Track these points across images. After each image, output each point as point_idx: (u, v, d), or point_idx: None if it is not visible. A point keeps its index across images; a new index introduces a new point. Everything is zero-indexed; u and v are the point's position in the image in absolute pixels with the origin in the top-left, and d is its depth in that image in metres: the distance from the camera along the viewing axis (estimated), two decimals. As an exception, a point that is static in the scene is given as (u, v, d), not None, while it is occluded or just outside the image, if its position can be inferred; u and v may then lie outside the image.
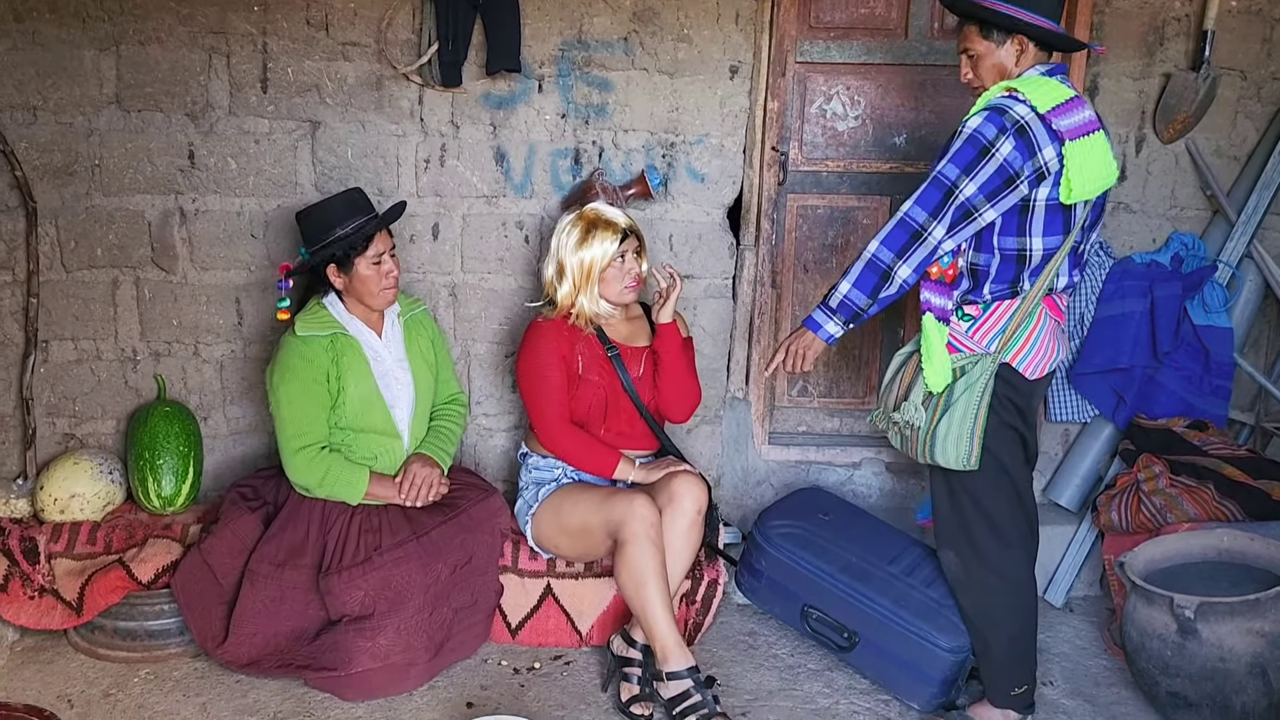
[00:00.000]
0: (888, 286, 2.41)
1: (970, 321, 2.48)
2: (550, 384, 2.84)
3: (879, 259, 2.40)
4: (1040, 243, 2.39)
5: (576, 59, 3.14)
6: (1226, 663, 2.47)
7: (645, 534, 2.62)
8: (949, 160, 2.35)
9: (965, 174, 2.32)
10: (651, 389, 2.94)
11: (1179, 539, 2.79)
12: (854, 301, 2.43)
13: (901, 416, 2.52)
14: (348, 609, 2.69)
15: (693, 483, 2.75)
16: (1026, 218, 2.37)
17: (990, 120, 2.32)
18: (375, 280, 2.80)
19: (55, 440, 3.20)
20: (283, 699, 2.68)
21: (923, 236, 2.36)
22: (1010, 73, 2.42)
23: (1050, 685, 2.86)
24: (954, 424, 2.44)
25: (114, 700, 2.66)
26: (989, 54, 2.43)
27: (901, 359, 2.61)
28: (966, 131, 2.34)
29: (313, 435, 2.78)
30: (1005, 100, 2.35)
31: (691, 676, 2.57)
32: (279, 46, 3.06)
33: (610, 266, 2.79)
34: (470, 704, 2.69)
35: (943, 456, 2.47)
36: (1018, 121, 2.31)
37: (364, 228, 2.77)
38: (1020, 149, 2.30)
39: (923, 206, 2.36)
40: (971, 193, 2.32)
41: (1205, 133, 3.32)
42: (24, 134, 3.02)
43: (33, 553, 2.83)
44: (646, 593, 2.60)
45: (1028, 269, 2.42)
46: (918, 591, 2.77)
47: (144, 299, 3.17)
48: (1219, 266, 3.25)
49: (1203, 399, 3.22)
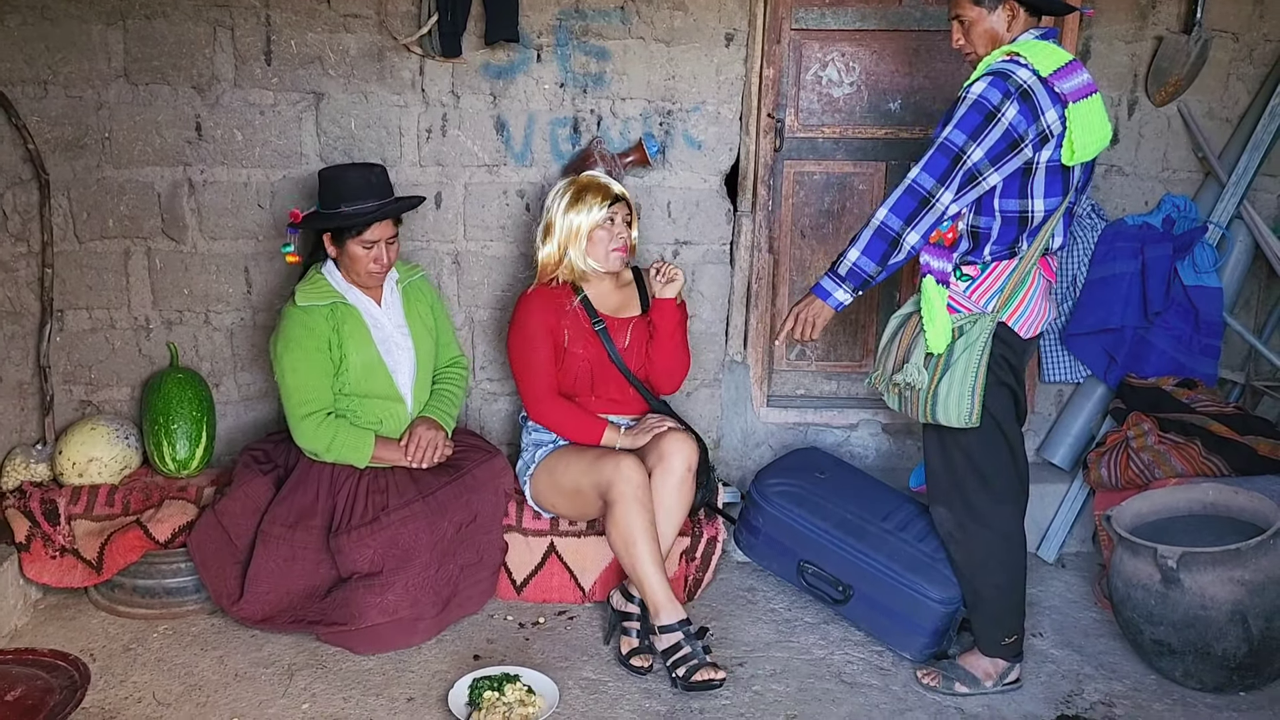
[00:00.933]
0: (896, 253, 2.44)
1: (969, 281, 2.53)
2: (537, 358, 2.91)
3: (888, 226, 2.42)
4: (1042, 204, 2.44)
5: (574, 28, 3.19)
6: (1208, 610, 2.55)
7: (632, 494, 2.70)
8: (955, 126, 2.37)
9: (972, 139, 2.35)
10: (641, 357, 2.99)
11: (1165, 493, 2.86)
12: (863, 269, 2.46)
13: (903, 378, 2.55)
14: (357, 567, 2.78)
15: (681, 441, 2.82)
16: (1029, 180, 2.42)
17: (994, 85, 2.35)
18: (362, 262, 2.86)
19: (72, 407, 3.29)
20: (296, 652, 2.78)
21: (930, 203, 2.39)
22: (1002, 38, 2.46)
23: (1040, 636, 2.94)
24: (955, 383, 2.49)
25: (134, 654, 2.76)
26: (980, 20, 2.46)
27: (899, 321, 2.64)
28: (971, 97, 2.37)
29: (318, 402, 2.86)
30: (1007, 65, 2.38)
31: (682, 629, 2.66)
32: (282, 19, 3.12)
33: (598, 229, 2.85)
34: (477, 656, 2.78)
35: (944, 415, 2.52)
36: (1021, 85, 2.34)
37: (366, 214, 2.82)
38: (1024, 113, 2.34)
39: (930, 173, 2.38)
40: (978, 158, 2.36)
41: (1197, 95, 3.35)
42: (35, 108, 3.09)
43: (53, 514, 2.93)
44: (636, 551, 2.69)
45: (1027, 230, 2.47)
46: (910, 546, 2.84)
47: (155, 269, 3.25)
48: (1209, 228, 3.30)
49: (1192, 358, 3.28)
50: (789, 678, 2.73)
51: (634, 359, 2.98)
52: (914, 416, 2.60)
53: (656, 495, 2.76)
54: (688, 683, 2.60)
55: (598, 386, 2.97)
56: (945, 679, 2.68)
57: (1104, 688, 2.71)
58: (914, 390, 2.55)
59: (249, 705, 2.56)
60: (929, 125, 2.64)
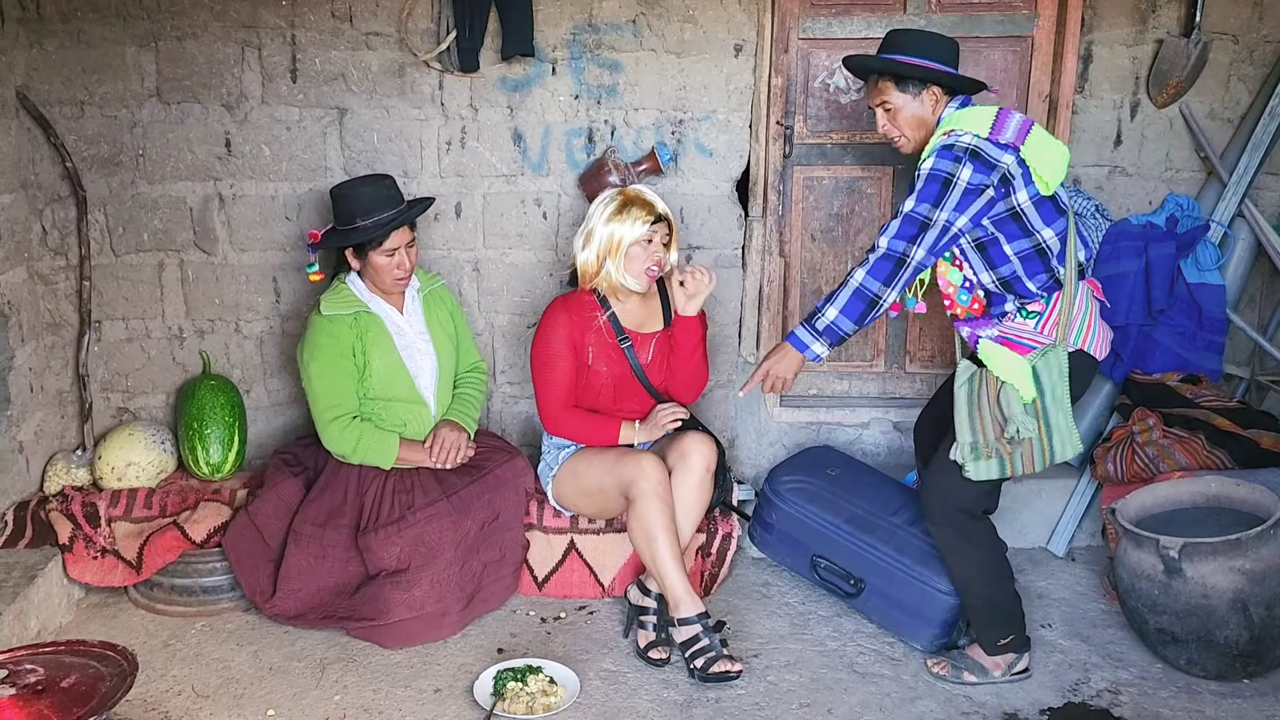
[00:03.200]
0: (874, 312, 2.54)
1: (1036, 318, 2.59)
2: (557, 373, 2.97)
3: (866, 289, 2.52)
4: (1049, 231, 2.55)
5: (587, 42, 3.30)
6: (1210, 599, 2.62)
7: (653, 491, 2.78)
8: (918, 199, 2.50)
9: (935, 206, 2.49)
10: (663, 371, 3.05)
11: (1169, 486, 2.93)
12: (840, 328, 2.55)
13: (1020, 432, 2.52)
14: (385, 564, 2.89)
15: (701, 442, 2.90)
16: (1024, 220, 2.53)
17: (942, 156, 2.49)
18: (387, 271, 2.96)
19: (110, 414, 3.42)
20: (328, 647, 2.89)
21: (906, 263, 2.51)
22: (927, 120, 2.61)
23: (1049, 627, 3.01)
24: (1060, 416, 2.54)
25: (173, 650, 2.88)
26: (905, 106, 2.61)
27: (966, 388, 2.61)
28: (925, 171, 2.51)
29: (344, 406, 2.97)
30: (949, 139, 2.52)
31: (700, 622, 2.75)
32: (306, 38, 3.24)
33: (637, 245, 2.89)
34: (501, 649, 2.88)
35: (1061, 452, 2.56)
36: (968, 147, 2.48)
37: (383, 224, 2.91)
38: (979, 169, 2.47)
39: (900, 238, 2.51)
40: (946, 218, 2.50)
41: (1199, 96, 3.42)
42: (72, 127, 3.22)
43: (94, 517, 3.06)
44: (656, 546, 2.77)
45: (1053, 257, 2.57)
46: (920, 540, 2.92)
47: (188, 280, 3.38)
48: (1211, 226, 3.36)
49: (1196, 354, 3.34)
50: (802, 668, 2.82)
51: (656, 373, 3.04)
52: (1025, 470, 2.57)
53: (676, 493, 2.84)
54: (705, 674, 2.69)
55: (620, 400, 3.04)
56: (954, 668, 2.76)
57: (1110, 676, 2.78)
58: (1027, 442, 2.55)
59: (283, 697, 2.67)
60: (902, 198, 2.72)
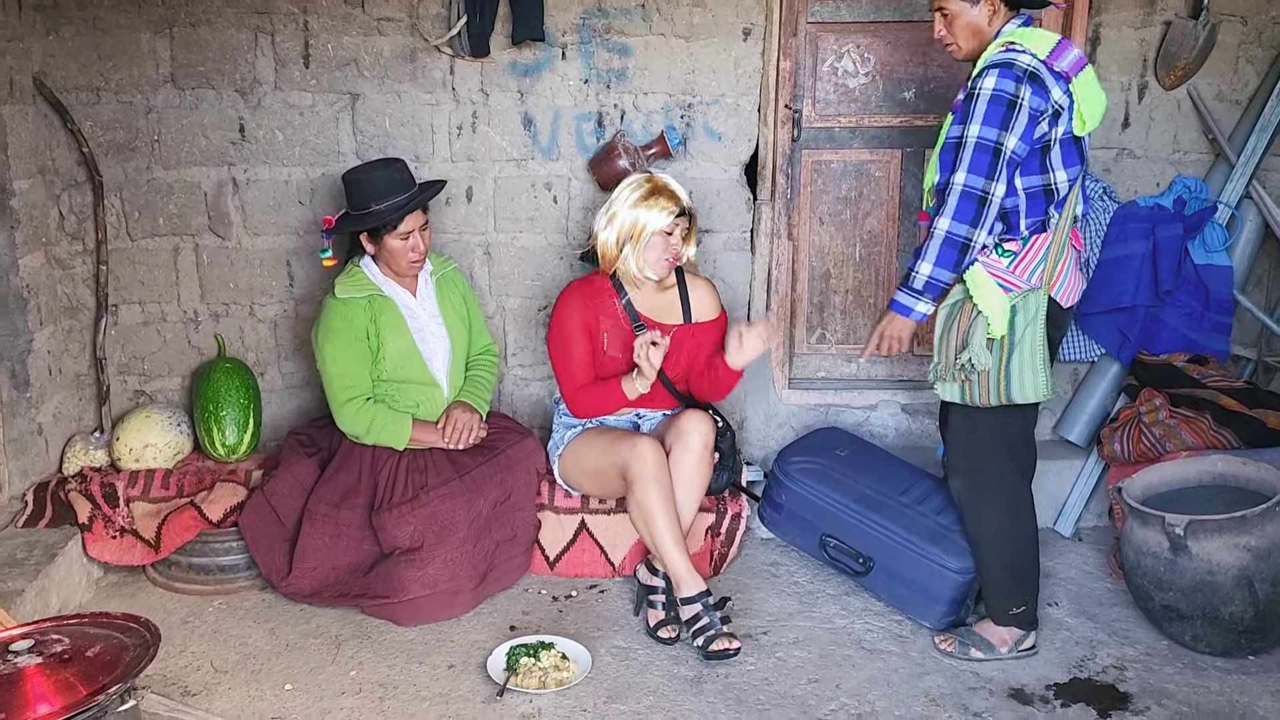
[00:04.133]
0: (969, 256, 2.53)
1: (1011, 257, 2.58)
2: (574, 358, 3.01)
3: (955, 235, 2.49)
4: (1064, 174, 2.55)
5: (597, 26, 3.32)
6: (1215, 576, 2.64)
7: (649, 474, 2.81)
8: (982, 123, 2.45)
9: (1004, 129, 2.44)
10: (675, 363, 3.07)
11: (1176, 465, 2.95)
12: (939, 280, 2.55)
13: (967, 358, 2.56)
14: (398, 542, 2.93)
15: (698, 419, 2.91)
16: (1047, 155, 2.53)
17: (1005, 75, 2.45)
18: (402, 254, 3.00)
19: (127, 396, 3.47)
20: (343, 624, 2.94)
21: (989, 200, 2.47)
22: (984, 32, 2.58)
23: (1055, 606, 3.04)
24: (1025, 359, 2.56)
25: (192, 627, 2.93)
26: (963, 13, 2.58)
27: (948, 311, 2.65)
28: (986, 92, 2.46)
29: (357, 388, 3.01)
30: (1007, 54, 2.49)
31: (700, 600, 2.78)
32: (319, 24, 3.27)
33: (658, 235, 2.91)
34: (513, 627, 2.93)
35: (1020, 393, 2.58)
36: (1027, 69, 2.46)
37: (397, 208, 2.94)
38: (1038, 92, 2.45)
39: (977, 173, 2.46)
40: (1015, 145, 2.46)
41: (1207, 78, 3.43)
42: (89, 113, 3.26)
43: (113, 497, 3.11)
44: (655, 527, 2.81)
45: (1055, 202, 2.57)
46: (928, 519, 2.95)
47: (203, 264, 3.42)
48: (1219, 207, 3.37)
49: (1203, 335, 3.36)
50: (811, 645, 2.85)
51: (670, 365, 3.05)
52: (982, 402, 2.62)
53: (675, 471, 2.87)
54: (706, 651, 2.72)
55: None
56: (961, 644, 2.79)
57: (1116, 652, 2.80)
58: (979, 374, 2.59)
59: (300, 672, 2.72)
60: (943, 113, 2.73)
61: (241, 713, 2.55)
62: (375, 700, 2.60)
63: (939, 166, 2.59)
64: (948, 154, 2.54)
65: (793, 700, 2.61)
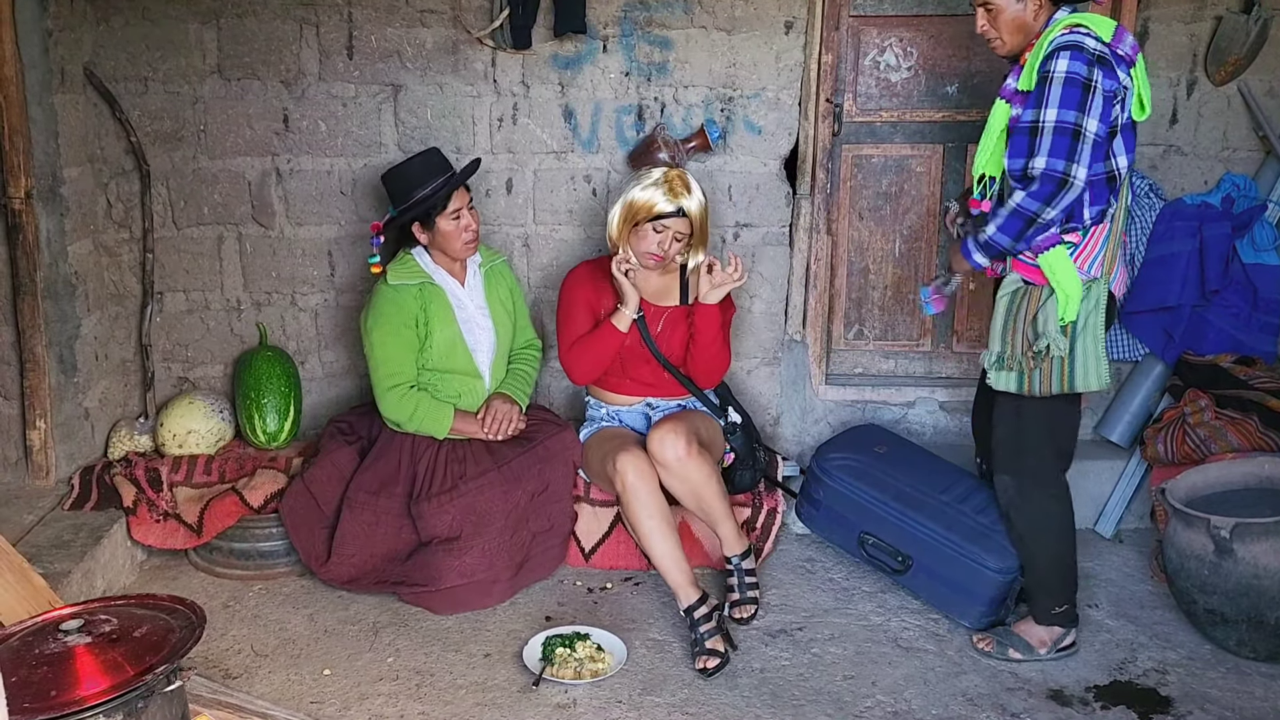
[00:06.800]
0: (1033, 230, 2.47)
1: (1072, 248, 2.53)
2: (571, 328, 3.06)
3: (1024, 208, 2.44)
4: (1124, 160, 2.50)
5: (638, 19, 3.32)
6: (1261, 580, 2.60)
7: (631, 484, 2.81)
8: (1059, 107, 2.38)
9: (1083, 112, 2.38)
10: (674, 345, 3.08)
11: (1221, 467, 2.91)
12: (998, 243, 2.52)
13: (1050, 349, 2.52)
14: (437, 532, 2.95)
15: (659, 438, 2.86)
16: (1111, 142, 2.47)
17: (1076, 59, 2.38)
18: (456, 235, 3.02)
19: (171, 383, 3.52)
20: (380, 611, 2.96)
21: (1069, 183, 2.40)
22: (1029, 26, 2.52)
23: (1095, 608, 3.00)
24: (1088, 348, 2.54)
25: (233, 611, 2.97)
26: (1007, 7, 2.52)
27: (1009, 298, 2.60)
28: (1060, 74, 2.39)
29: (403, 375, 3.03)
30: (1073, 36, 2.41)
31: (688, 616, 2.75)
32: (363, 16, 3.29)
33: (650, 223, 2.90)
34: (549, 617, 2.94)
35: (1083, 381, 2.55)
36: (1095, 52, 2.40)
37: (441, 188, 2.97)
38: (1108, 75, 2.41)
39: (1058, 155, 2.39)
40: (1095, 127, 2.40)
41: (1258, 74, 3.37)
42: (137, 103, 3.30)
43: (157, 482, 3.15)
44: (643, 540, 2.83)
45: (1115, 188, 2.52)
46: (968, 518, 2.92)
47: (246, 253, 3.46)
48: (1269, 206, 3.31)
49: (1251, 335, 3.30)
50: (847, 641, 2.84)
51: (665, 345, 3.07)
52: (1043, 391, 2.58)
53: (667, 484, 2.87)
54: (693, 668, 2.70)
55: (629, 368, 3.09)
56: (1000, 644, 2.77)
57: (1158, 656, 2.77)
58: (1050, 361, 2.55)
59: (338, 658, 2.75)
60: (986, 107, 2.69)
61: (281, 696, 2.58)
62: (412, 687, 2.62)
63: (1010, 150, 2.49)
64: (1020, 138, 2.46)
65: (828, 696, 2.60)
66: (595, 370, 3.07)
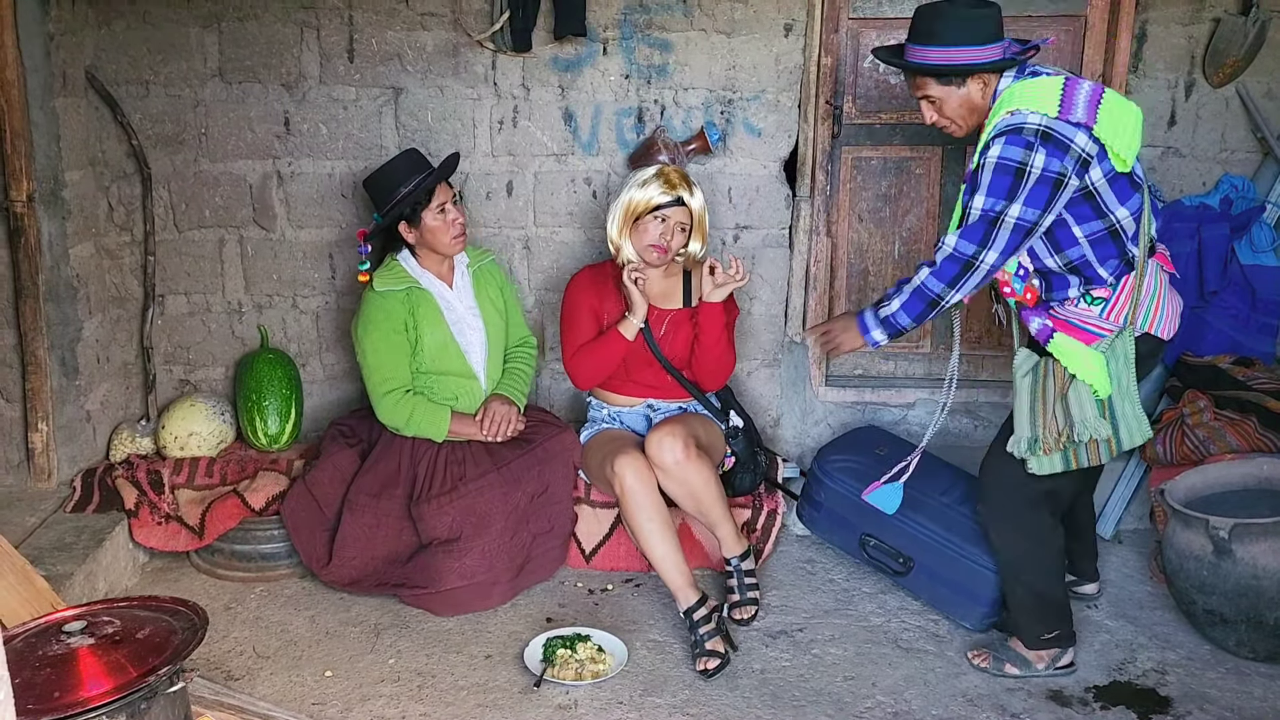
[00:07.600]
0: (935, 311, 2.48)
1: (1102, 304, 2.46)
2: (576, 333, 3.07)
3: (928, 289, 2.44)
4: (1124, 211, 2.39)
5: (638, 21, 3.33)
6: (1260, 580, 2.60)
7: (630, 487, 2.82)
8: (988, 194, 2.32)
9: (1008, 200, 2.31)
10: (677, 348, 3.09)
11: (1220, 468, 2.92)
12: (898, 322, 2.52)
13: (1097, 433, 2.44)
14: (437, 533, 2.96)
15: (657, 441, 2.86)
16: (1096, 200, 2.37)
17: (1011, 142, 2.29)
18: (444, 229, 3.02)
19: (172, 385, 3.53)
20: (381, 613, 2.97)
21: (974, 265, 2.38)
22: (979, 105, 2.44)
23: (1095, 608, 3.01)
24: (1127, 411, 2.46)
25: (234, 613, 2.98)
26: (949, 96, 2.45)
27: (1029, 379, 2.51)
28: (991, 162, 2.32)
29: (397, 380, 3.04)
30: (1014, 119, 2.31)
31: (687, 617, 2.75)
32: (363, 19, 3.30)
33: (650, 217, 2.93)
34: (549, 619, 2.95)
35: (1129, 440, 2.48)
36: (1037, 129, 2.29)
37: (423, 182, 2.97)
38: (1053, 153, 2.28)
39: (970, 239, 2.37)
40: (1020, 213, 2.31)
41: (1256, 76, 3.37)
42: (138, 106, 3.32)
43: (158, 484, 3.16)
44: (642, 543, 2.84)
45: (1126, 238, 2.42)
46: (968, 519, 2.91)
47: (247, 256, 3.47)
48: (1267, 207, 3.32)
49: (1249, 336, 3.31)
50: (847, 642, 2.85)
51: (668, 347, 3.08)
52: (1094, 462, 2.50)
53: (666, 488, 2.87)
54: (693, 669, 2.70)
55: (632, 371, 3.10)
56: (996, 659, 2.71)
57: (1157, 656, 2.78)
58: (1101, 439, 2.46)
59: (340, 660, 2.75)
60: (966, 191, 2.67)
61: (283, 698, 2.59)
62: (413, 689, 2.63)
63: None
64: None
65: (828, 697, 2.61)
66: (600, 376, 3.09)
